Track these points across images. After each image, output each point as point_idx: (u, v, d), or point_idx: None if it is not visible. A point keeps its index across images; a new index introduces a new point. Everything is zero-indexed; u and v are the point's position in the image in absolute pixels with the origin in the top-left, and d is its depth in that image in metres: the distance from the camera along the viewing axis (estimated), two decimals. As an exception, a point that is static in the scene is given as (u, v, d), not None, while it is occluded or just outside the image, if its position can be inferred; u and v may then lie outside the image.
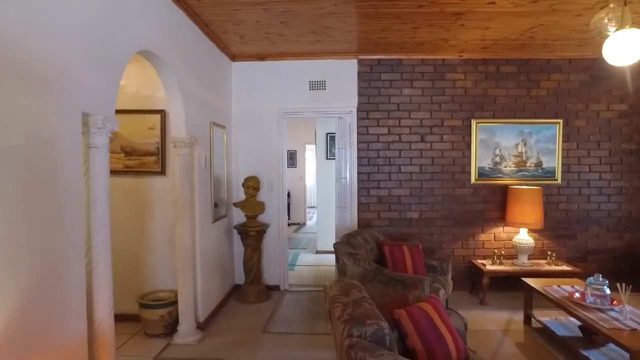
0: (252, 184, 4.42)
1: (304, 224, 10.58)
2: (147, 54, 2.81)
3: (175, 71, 3.14)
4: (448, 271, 4.00)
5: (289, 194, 10.36)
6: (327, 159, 6.87)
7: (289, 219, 10.57)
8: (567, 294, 3.22)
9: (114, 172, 3.90)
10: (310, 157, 11.67)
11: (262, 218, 4.81)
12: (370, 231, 4.15)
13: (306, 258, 6.62)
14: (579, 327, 3.32)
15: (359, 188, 4.80)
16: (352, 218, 4.79)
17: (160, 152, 3.86)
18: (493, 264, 4.43)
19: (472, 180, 4.76)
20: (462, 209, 4.78)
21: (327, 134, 6.87)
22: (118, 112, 4.04)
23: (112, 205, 3.98)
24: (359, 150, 4.79)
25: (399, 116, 4.78)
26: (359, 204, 4.80)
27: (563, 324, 3.47)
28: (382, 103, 4.78)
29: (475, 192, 4.78)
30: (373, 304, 2.07)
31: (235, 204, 4.49)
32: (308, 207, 11.49)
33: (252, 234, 4.42)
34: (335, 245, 3.74)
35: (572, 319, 3.32)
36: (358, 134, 4.79)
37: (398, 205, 4.80)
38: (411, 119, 4.78)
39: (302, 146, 10.62)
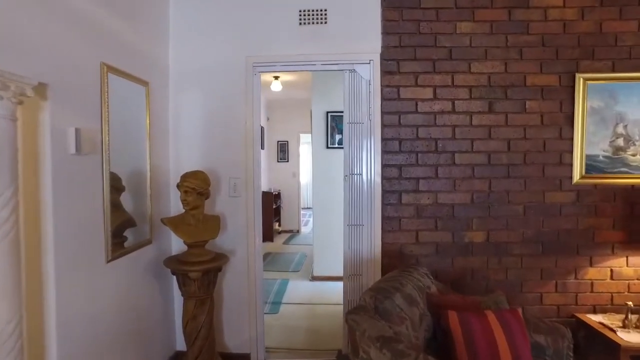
0: (192, 185, 2.44)
1: (298, 231, 8.63)
2: None
3: None
4: (570, 357, 2.05)
5: (279, 195, 8.42)
6: (327, 147, 4.89)
7: (279, 226, 8.67)
8: None
9: None
10: (306, 150, 9.71)
11: (219, 243, 2.85)
12: (414, 277, 2.17)
13: (298, 289, 4.65)
14: None
15: (383, 192, 2.84)
16: (371, 243, 2.82)
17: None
18: (626, 326, 2.48)
19: (576, 177, 2.80)
20: (556, 226, 2.83)
21: (328, 112, 4.89)
22: None
23: None
24: (383, 126, 2.83)
25: (451, 69, 2.81)
26: (384, 218, 2.84)
27: None
28: (423, 47, 2.81)
29: (581, 197, 2.82)
30: None
31: (164, 221, 2.51)
32: (303, 208, 9.55)
33: (194, 276, 2.44)
34: (350, 317, 1.76)
35: None
36: (382, 98, 2.82)
37: (450, 220, 2.84)
38: (472, 73, 2.81)
39: (295, 136, 8.64)
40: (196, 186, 2.45)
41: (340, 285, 3.01)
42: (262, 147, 7.81)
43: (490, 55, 2.81)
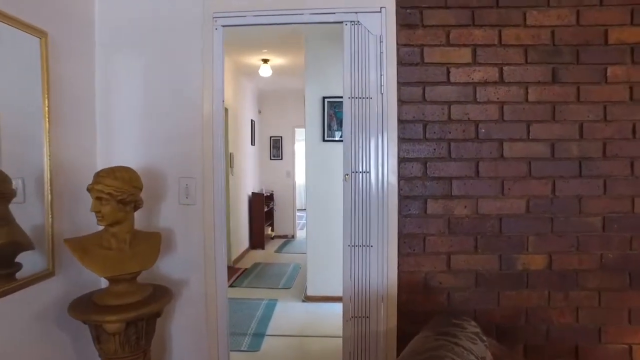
0: (107, 189, 1.58)
1: (293, 236, 7.78)
2: None
3: None
4: None
5: (272, 196, 7.57)
6: (323, 140, 4.02)
7: (272, 230, 7.80)
8: None
9: None
10: (302, 146, 8.86)
11: (166, 270, 1.99)
12: (462, 347, 1.30)
13: (288, 314, 3.79)
14: None
15: (401, 198, 1.97)
16: (383, 272, 1.96)
17: None
18: None
19: (680, 177, 1.94)
20: (649, 247, 1.97)
21: (325, 98, 4.02)
22: None
23: None
24: (401, 103, 1.96)
25: (498, 20, 1.95)
26: (402, 236, 1.97)
27: None
28: (457, -12, 1.95)
29: (687, 206, 1.96)
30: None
31: (67, 243, 1.64)
32: (299, 210, 8.66)
33: (113, 330, 1.58)
34: None
35: None
36: (399, 63, 1.96)
37: (496, 239, 1.97)
38: (528, 27, 1.95)
39: (290, 131, 7.79)
40: (115, 190, 1.59)
41: (339, 307, 2.13)
42: (253, 143, 6.98)
43: (554, 2, 1.94)
